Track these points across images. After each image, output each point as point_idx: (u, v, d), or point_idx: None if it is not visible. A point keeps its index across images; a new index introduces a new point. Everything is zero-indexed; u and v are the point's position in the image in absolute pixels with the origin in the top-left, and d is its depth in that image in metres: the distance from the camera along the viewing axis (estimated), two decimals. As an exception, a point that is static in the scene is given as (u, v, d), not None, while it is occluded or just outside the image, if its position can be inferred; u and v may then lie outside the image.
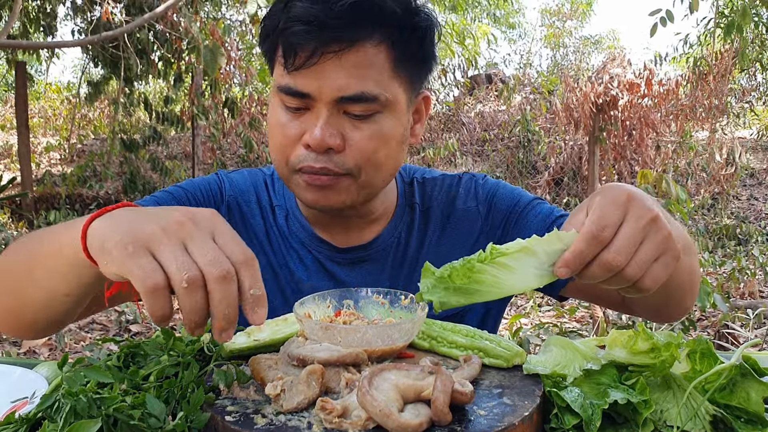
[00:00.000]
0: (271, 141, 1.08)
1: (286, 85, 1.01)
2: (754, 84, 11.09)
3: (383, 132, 1.03)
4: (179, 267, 0.65)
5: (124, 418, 0.70)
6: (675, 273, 0.85)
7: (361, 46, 0.98)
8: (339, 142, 1.00)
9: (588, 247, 0.72)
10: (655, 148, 8.89)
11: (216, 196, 1.21)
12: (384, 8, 0.99)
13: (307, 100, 1.01)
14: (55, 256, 0.81)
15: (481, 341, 0.89)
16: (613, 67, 8.62)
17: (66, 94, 12.92)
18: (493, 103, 11.43)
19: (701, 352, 0.81)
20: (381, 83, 1.01)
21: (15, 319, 0.93)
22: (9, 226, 7.36)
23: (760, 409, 0.76)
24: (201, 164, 9.02)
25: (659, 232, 0.74)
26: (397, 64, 1.02)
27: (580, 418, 0.74)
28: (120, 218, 0.73)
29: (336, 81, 0.98)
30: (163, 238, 0.67)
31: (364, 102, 1.00)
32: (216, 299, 0.66)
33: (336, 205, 1.07)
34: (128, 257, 0.66)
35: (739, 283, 5.16)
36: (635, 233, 0.73)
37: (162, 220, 0.69)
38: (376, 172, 1.06)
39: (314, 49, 0.96)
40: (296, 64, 0.98)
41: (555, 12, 16.99)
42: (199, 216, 0.71)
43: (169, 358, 0.81)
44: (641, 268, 0.73)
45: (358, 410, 0.69)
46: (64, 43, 7.06)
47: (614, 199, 0.74)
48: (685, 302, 1.05)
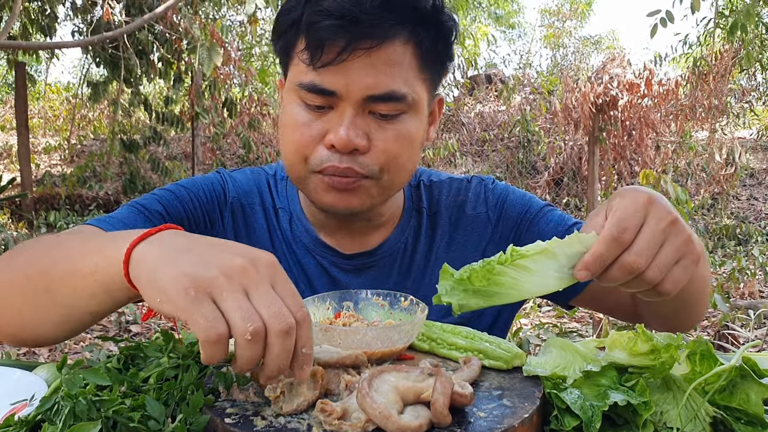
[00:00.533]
0: (287, 140, 1.02)
1: (311, 82, 0.96)
2: (753, 84, 11.09)
3: (408, 133, 1.00)
4: (244, 317, 0.63)
5: (123, 421, 0.70)
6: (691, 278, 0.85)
7: (391, 43, 0.95)
8: (365, 142, 0.97)
9: (608, 249, 0.72)
10: (655, 148, 8.89)
11: (220, 198, 1.17)
12: (417, 6, 0.97)
13: (332, 99, 0.96)
14: (84, 277, 0.76)
15: (480, 343, 0.89)
16: (613, 68, 8.62)
17: (66, 94, 12.92)
18: (493, 104, 11.43)
19: (701, 353, 0.81)
20: (408, 82, 0.98)
21: (17, 332, 0.89)
22: (9, 227, 7.36)
23: (759, 410, 0.76)
24: (201, 164, 9.02)
25: (679, 235, 0.74)
26: (422, 64, 1.00)
27: (580, 419, 0.74)
28: (171, 249, 0.69)
29: (365, 79, 0.94)
30: (226, 285, 0.64)
31: (393, 101, 0.97)
32: (274, 353, 0.64)
33: (355, 208, 1.03)
34: (190, 303, 0.63)
35: (739, 284, 5.16)
36: (656, 236, 0.72)
37: (223, 263, 0.65)
38: (398, 175, 1.03)
39: (345, 45, 0.92)
40: (324, 60, 0.93)
41: (555, 12, 16.99)
42: (260, 262, 0.68)
43: (168, 360, 0.81)
44: (662, 270, 0.73)
45: (358, 412, 0.69)
46: (64, 43, 7.05)
47: (634, 202, 0.74)
48: (698, 309, 1.04)
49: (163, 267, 0.66)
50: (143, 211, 1.07)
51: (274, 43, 1.06)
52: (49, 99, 12.96)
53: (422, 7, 0.97)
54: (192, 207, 1.13)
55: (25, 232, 7.06)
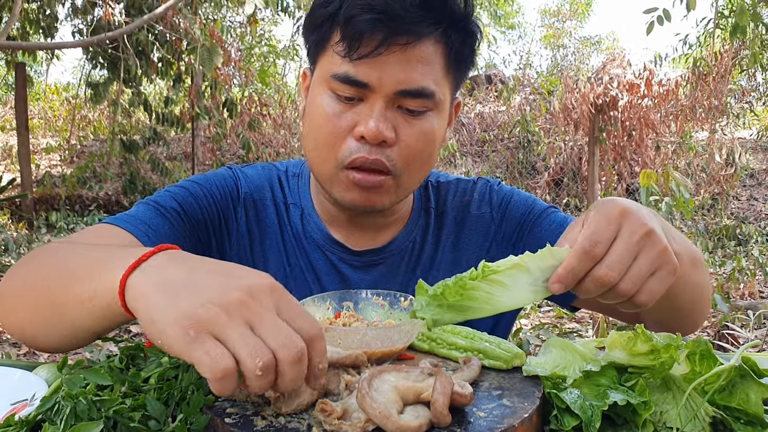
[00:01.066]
0: (316, 132, 1.03)
1: (345, 73, 0.98)
2: (753, 84, 11.09)
3: (432, 130, 1.03)
4: (251, 353, 0.60)
5: (124, 420, 0.70)
6: (680, 287, 0.86)
7: (425, 42, 0.98)
8: (393, 135, 0.99)
9: (580, 263, 0.72)
10: (655, 149, 8.89)
11: (233, 193, 1.17)
12: (453, 9, 1.00)
13: (364, 91, 0.98)
14: (83, 302, 0.76)
15: (480, 343, 0.89)
16: (613, 68, 8.62)
17: (66, 95, 12.92)
18: (493, 104, 11.43)
19: (701, 353, 0.81)
20: (437, 81, 1.01)
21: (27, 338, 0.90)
22: (9, 227, 7.36)
23: (759, 410, 0.76)
24: (201, 165, 9.02)
25: (654, 246, 0.74)
26: (449, 66, 1.03)
27: (579, 419, 0.74)
28: (168, 283, 0.65)
29: (399, 73, 0.97)
30: (228, 322, 0.61)
31: (422, 98, 0.99)
32: (287, 380, 0.63)
33: (377, 206, 1.05)
34: (190, 344, 0.60)
35: (739, 284, 5.16)
36: (628, 248, 0.73)
37: (223, 299, 0.62)
38: (416, 173, 1.06)
39: (382, 39, 0.95)
40: (361, 53, 0.95)
41: (554, 13, 17.00)
42: (260, 291, 0.64)
43: (169, 360, 0.81)
44: (635, 283, 0.73)
45: (358, 412, 0.69)
46: (64, 44, 7.06)
47: (607, 215, 0.74)
48: (694, 316, 1.04)
49: (160, 308, 0.64)
50: (159, 208, 1.07)
51: (305, 36, 1.07)
52: (49, 100, 12.96)
53: (456, 10, 1.00)
54: (206, 203, 1.13)
55: (25, 232, 7.06)
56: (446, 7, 0.99)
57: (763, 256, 6.27)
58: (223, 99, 8.45)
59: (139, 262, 0.69)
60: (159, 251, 0.71)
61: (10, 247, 5.71)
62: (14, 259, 5.55)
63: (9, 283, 0.90)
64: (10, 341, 4.11)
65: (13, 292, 0.88)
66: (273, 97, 10.55)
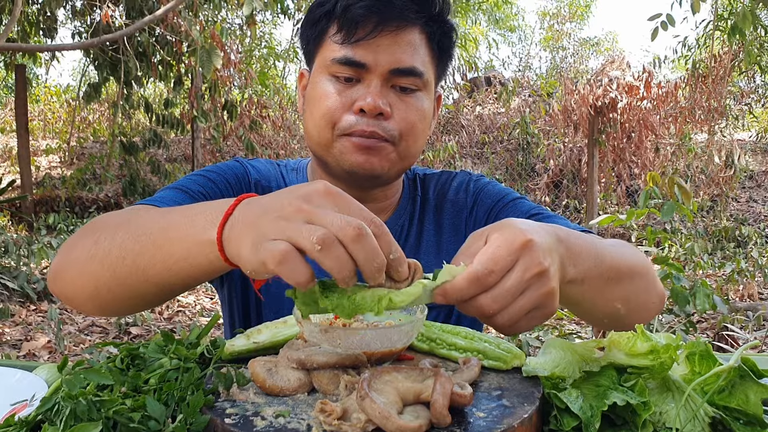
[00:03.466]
0: (316, 109, 1.13)
1: (344, 56, 1.10)
2: (752, 86, 11.10)
3: (422, 107, 1.14)
4: (305, 236, 0.65)
5: (124, 421, 0.70)
6: (593, 304, 0.91)
7: (412, 28, 1.11)
8: (388, 109, 1.10)
9: (469, 286, 0.73)
10: (654, 151, 8.89)
11: (244, 180, 1.26)
12: (434, 2, 1.12)
13: (361, 71, 1.10)
14: (178, 261, 0.81)
15: (480, 343, 0.89)
16: (612, 70, 8.63)
17: (65, 96, 12.92)
18: (492, 106, 11.44)
19: (700, 354, 0.81)
20: (425, 64, 1.13)
21: (101, 304, 0.93)
22: (8, 229, 7.35)
23: (758, 411, 0.76)
24: (200, 167, 9.01)
25: (542, 287, 0.75)
26: (432, 54, 1.15)
27: (579, 419, 0.74)
28: (249, 224, 0.72)
29: (392, 55, 1.09)
30: (287, 225, 0.67)
31: (413, 76, 1.11)
32: (361, 258, 0.66)
33: (376, 170, 1.13)
34: (257, 252, 0.68)
35: (739, 285, 5.16)
36: (518, 285, 0.74)
37: (281, 212, 0.69)
38: (413, 143, 1.15)
39: (376, 24, 1.08)
40: (357, 36, 1.08)
41: (554, 15, 17.02)
42: (315, 195, 0.70)
43: (169, 361, 0.81)
44: (510, 319, 0.75)
45: (358, 412, 0.69)
46: (64, 46, 7.06)
47: (510, 244, 0.74)
48: (622, 322, 1.02)
49: (243, 241, 0.71)
50: (186, 191, 1.14)
51: (303, 32, 1.19)
52: (48, 101, 12.97)
53: (438, 5, 1.13)
54: (224, 187, 1.21)
55: (24, 234, 7.06)
56: (430, 2, 1.12)
57: (762, 258, 6.28)
58: (223, 101, 8.45)
59: (226, 217, 0.76)
60: (238, 203, 0.77)
61: (10, 249, 5.70)
62: (14, 260, 5.55)
63: (70, 255, 0.93)
64: (10, 343, 4.11)
65: (80, 264, 0.91)
66: (273, 99, 10.56)
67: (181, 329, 4.27)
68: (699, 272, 5.73)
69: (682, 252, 6.19)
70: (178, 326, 4.37)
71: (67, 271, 0.93)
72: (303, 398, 0.78)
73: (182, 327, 4.37)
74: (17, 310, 4.74)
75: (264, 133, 9.51)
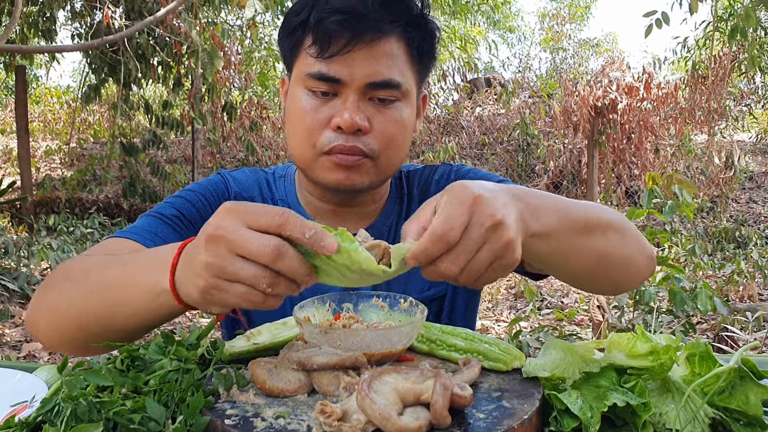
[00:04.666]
0: (295, 127, 1.13)
1: (318, 71, 1.08)
2: (752, 87, 11.11)
3: (402, 118, 1.12)
4: (255, 282, 0.71)
5: (124, 422, 0.70)
6: (566, 258, 0.90)
7: (388, 38, 1.08)
8: (366, 124, 1.08)
9: (434, 245, 0.74)
10: (654, 152, 8.90)
11: (224, 194, 1.27)
12: (410, 7, 1.10)
13: (337, 86, 1.08)
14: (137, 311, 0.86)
15: (480, 344, 0.89)
16: (612, 71, 8.64)
17: (65, 98, 12.92)
18: (492, 107, 11.45)
19: (700, 355, 0.81)
20: (403, 74, 1.11)
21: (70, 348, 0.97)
22: (9, 230, 7.35)
23: (758, 412, 0.76)
24: (201, 168, 9.02)
25: (500, 239, 0.76)
26: (412, 60, 1.13)
27: (579, 421, 0.74)
28: (185, 266, 0.78)
29: (367, 68, 1.07)
30: (214, 263, 0.72)
31: (390, 88, 1.09)
32: (289, 273, 0.72)
33: (357, 185, 1.13)
34: (203, 299, 0.74)
35: (739, 286, 5.16)
36: (475, 240, 0.75)
37: (205, 251, 0.73)
38: (394, 155, 1.14)
39: (350, 38, 1.05)
40: (331, 51, 1.06)
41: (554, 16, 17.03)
42: (223, 221, 0.73)
43: (169, 362, 0.81)
44: (471, 276, 0.76)
45: (358, 414, 0.69)
46: (64, 47, 7.07)
47: (461, 201, 0.76)
48: (603, 279, 1.03)
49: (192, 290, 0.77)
50: (161, 217, 1.17)
51: (280, 43, 1.18)
52: (49, 102, 12.97)
53: (413, 8, 1.11)
54: (202, 206, 1.23)
55: (25, 235, 7.06)
56: (404, 7, 1.09)
57: (762, 259, 6.28)
58: (223, 102, 8.45)
59: (173, 267, 0.80)
60: (182, 248, 0.81)
61: (10, 250, 5.70)
62: (14, 261, 5.55)
63: (40, 304, 0.98)
64: (10, 344, 4.11)
65: (48, 314, 0.96)
66: (273, 100, 10.55)
67: (181, 330, 4.27)
68: (699, 273, 5.73)
69: (682, 253, 6.19)
70: (178, 327, 4.37)
71: (38, 320, 0.98)
72: (303, 399, 0.78)
73: (182, 328, 4.37)
74: (17, 311, 4.74)
75: (264, 134, 9.51)
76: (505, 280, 6.13)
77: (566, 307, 5.07)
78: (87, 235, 6.96)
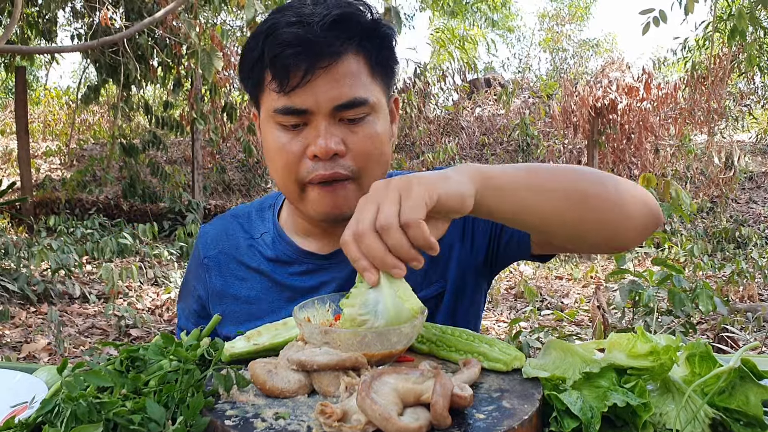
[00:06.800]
0: (275, 164, 1.14)
1: (284, 106, 1.08)
2: (752, 88, 11.11)
3: (376, 132, 1.12)
4: None
5: (124, 423, 0.70)
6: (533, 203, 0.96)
7: (345, 57, 1.07)
8: (342, 147, 1.08)
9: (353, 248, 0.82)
10: (654, 152, 8.90)
11: (202, 264, 1.31)
12: (360, 21, 1.09)
13: (306, 116, 1.08)
14: None
15: (480, 345, 0.89)
16: (612, 71, 8.64)
17: (65, 98, 12.93)
18: (492, 107, 11.45)
19: (700, 355, 0.81)
20: (367, 88, 1.10)
21: None
22: (9, 231, 7.36)
23: (759, 412, 0.76)
24: (200, 169, 9.02)
25: (409, 201, 0.82)
26: (373, 71, 1.12)
27: (579, 421, 0.74)
28: None
29: (330, 92, 1.06)
30: None
31: (357, 106, 1.08)
32: None
33: (345, 212, 1.12)
34: None
35: (739, 286, 5.16)
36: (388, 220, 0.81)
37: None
38: (375, 170, 1.14)
39: (307, 68, 1.05)
40: (291, 85, 1.05)
41: (554, 16, 17.04)
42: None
43: (169, 363, 0.81)
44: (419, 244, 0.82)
45: (358, 414, 0.69)
46: (64, 48, 7.07)
47: (366, 198, 0.86)
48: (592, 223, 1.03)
49: None
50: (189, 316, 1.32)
51: (242, 81, 1.17)
52: (49, 103, 12.98)
53: (363, 22, 1.10)
54: (201, 304, 1.32)
55: (24, 236, 7.06)
56: (354, 23, 1.08)
57: (762, 259, 6.28)
58: (223, 103, 8.46)
59: None
60: None
61: (10, 251, 5.71)
62: (14, 262, 5.55)
63: None
64: (10, 345, 4.11)
65: None
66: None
67: (181, 331, 4.27)
68: (699, 273, 5.73)
69: (682, 253, 6.20)
70: (178, 328, 4.37)
71: None
72: (303, 400, 0.78)
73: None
74: (17, 312, 4.74)
75: (264, 134, 9.49)
76: (505, 280, 6.13)
77: (566, 307, 5.07)
78: (87, 235, 6.96)
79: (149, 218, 8.08)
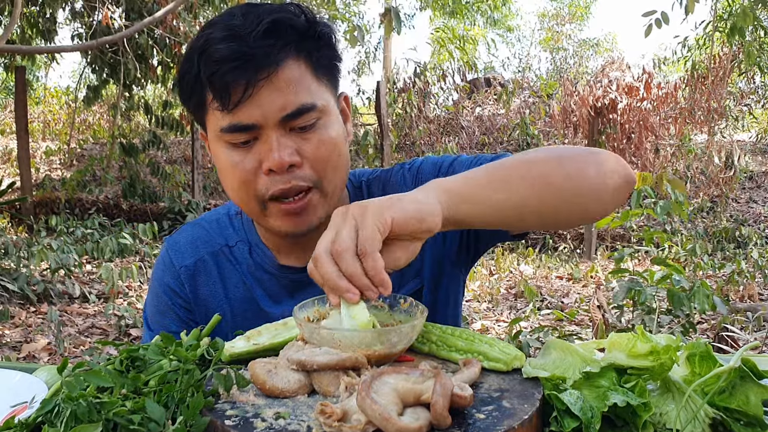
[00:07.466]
0: (231, 184, 1.10)
1: (230, 124, 1.03)
2: (752, 87, 11.11)
3: (330, 136, 1.08)
4: None
5: (124, 423, 0.70)
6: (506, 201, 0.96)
7: (285, 65, 1.03)
8: (297, 158, 1.05)
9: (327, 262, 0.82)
10: (654, 151, 8.90)
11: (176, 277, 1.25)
12: (294, 25, 1.05)
13: (254, 131, 1.04)
14: None
15: (480, 345, 0.89)
16: (612, 71, 8.64)
17: (65, 98, 12.93)
18: (492, 107, 11.45)
19: (700, 355, 0.81)
20: (313, 92, 1.06)
21: None
22: (8, 231, 7.35)
23: (759, 412, 0.76)
24: (200, 168, 9.02)
25: (364, 230, 0.83)
26: (317, 72, 1.08)
27: (579, 421, 0.74)
28: None
29: (275, 103, 1.02)
30: None
31: (306, 113, 1.05)
32: None
33: (311, 227, 1.10)
34: None
35: (739, 286, 5.16)
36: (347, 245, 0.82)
37: None
38: (335, 175, 1.11)
39: (247, 82, 1.00)
40: (234, 101, 1.01)
41: (554, 16, 17.03)
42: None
43: (169, 362, 0.81)
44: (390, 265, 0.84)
45: (358, 414, 0.69)
46: (64, 47, 7.07)
47: (329, 225, 0.86)
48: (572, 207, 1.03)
49: None
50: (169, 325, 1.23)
51: (184, 104, 1.13)
52: (48, 103, 12.98)
53: (297, 25, 1.06)
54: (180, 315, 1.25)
55: (24, 236, 7.05)
56: (288, 28, 1.04)
57: (762, 259, 6.28)
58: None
59: None
60: None
61: (10, 251, 5.71)
62: (14, 262, 5.55)
63: None
64: (10, 344, 4.11)
65: None
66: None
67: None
68: (699, 273, 5.73)
69: (682, 253, 6.19)
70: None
71: None
72: (303, 400, 0.78)
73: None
74: (17, 312, 4.74)
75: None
76: (505, 280, 6.13)
77: (566, 307, 5.07)
78: (87, 235, 6.96)
79: (149, 218, 8.08)
